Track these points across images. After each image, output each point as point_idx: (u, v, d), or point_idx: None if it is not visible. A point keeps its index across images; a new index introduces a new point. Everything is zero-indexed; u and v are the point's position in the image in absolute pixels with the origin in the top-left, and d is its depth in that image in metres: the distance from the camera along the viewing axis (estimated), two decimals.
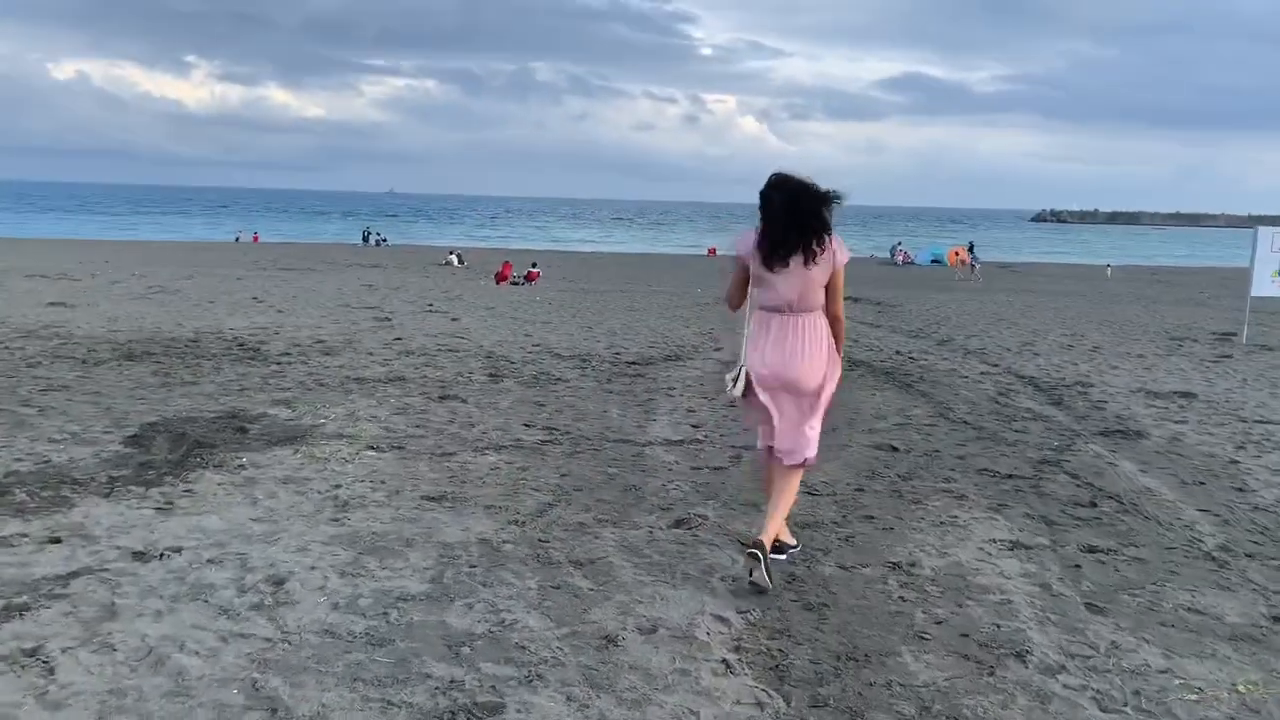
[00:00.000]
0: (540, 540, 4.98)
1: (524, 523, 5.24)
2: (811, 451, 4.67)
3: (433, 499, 5.59)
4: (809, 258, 4.44)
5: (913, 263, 54.14)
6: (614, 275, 33.49)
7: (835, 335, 4.63)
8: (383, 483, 5.87)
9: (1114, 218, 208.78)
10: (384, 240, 59.79)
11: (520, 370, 10.07)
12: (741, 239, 4.60)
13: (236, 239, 58.99)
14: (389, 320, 14.31)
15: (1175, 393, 9.95)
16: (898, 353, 12.75)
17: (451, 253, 42.18)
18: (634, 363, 11.01)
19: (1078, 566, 4.92)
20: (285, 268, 31.09)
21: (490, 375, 9.68)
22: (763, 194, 4.50)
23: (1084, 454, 7.24)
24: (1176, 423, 8.44)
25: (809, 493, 5.92)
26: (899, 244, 62.44)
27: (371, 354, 10.80)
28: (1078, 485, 6.40)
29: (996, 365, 11.76)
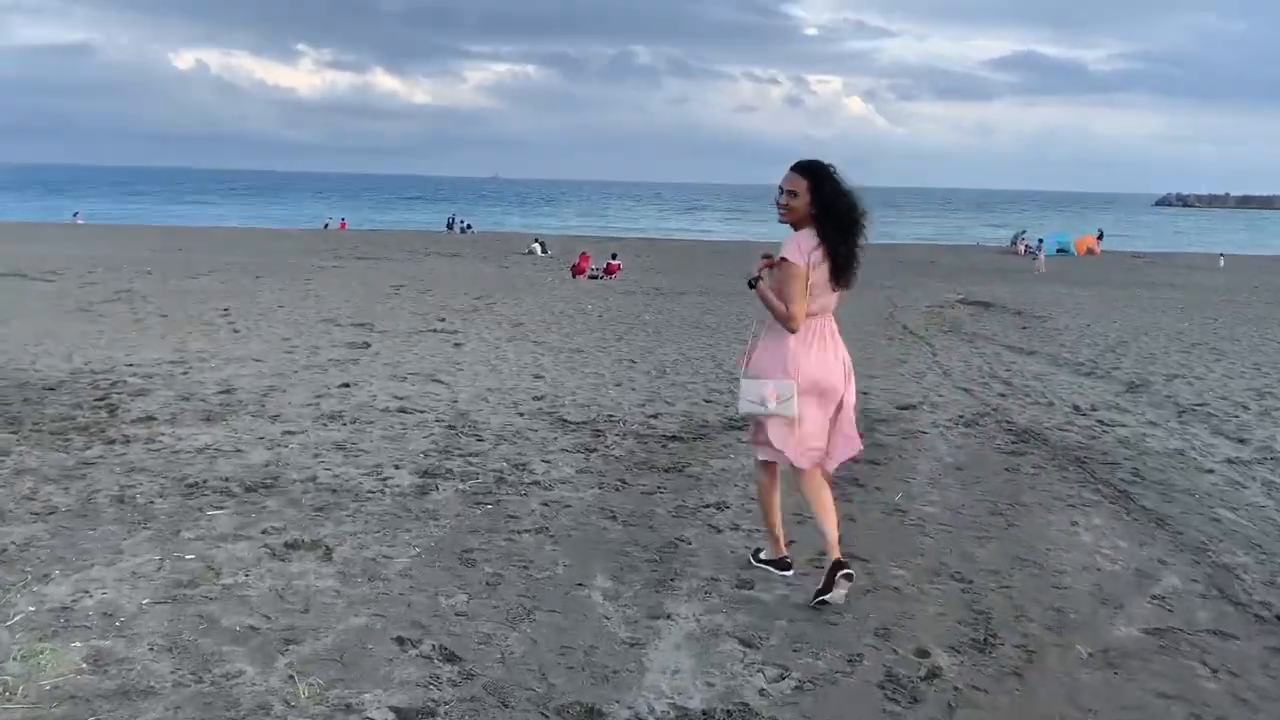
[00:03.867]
0: None
1: None
2: (858, 445, 4.45)
3: None
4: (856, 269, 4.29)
5: (1035, 254, 48.99)
6: (700, 269, 29.51)
7: None
8: None
9: (1245, 202, 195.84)
10: (469, 227, 57.88)
11: (480, 463, 6.25)
12: (797, 244, 4.17)
13: (325, 225, 57.92)
14: (365, 349, 10.69)
15: None
16: (1076, 409, 8.61)
17: (536, 240, 40.45)
18: (674, 437, 7.12)
19: None
20: (358, 256, 30.94)
21: (423, 476, 5.88)
22: (834, 199, 4.16)
23: None
24: None
25: None
26: (1023, 233, 57.13)
27: (276, 420, 7.15)
28: None
29: (1243, 440, 7.56)
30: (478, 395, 8.31)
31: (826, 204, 4.15)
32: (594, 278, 27.59)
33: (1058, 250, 49.43)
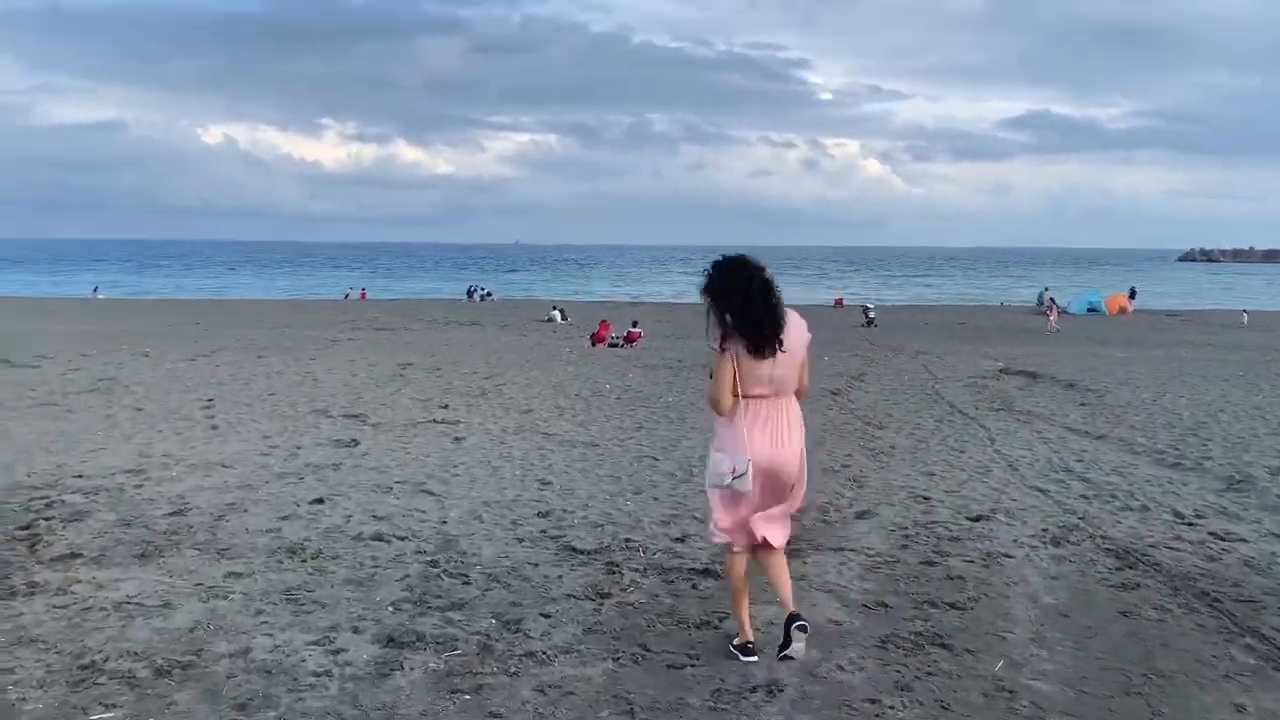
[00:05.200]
0: None
1: None
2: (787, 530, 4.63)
3: None
4: (783, 342, 4.39)
5: (1066, 312, 47.51)
6: None
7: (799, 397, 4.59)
8: None
9: (1271, 255, 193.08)
10: (489, 295, 58.29)
11: (464, 621, 4.95)
12: (717, 332, 4.41)
13: (346, 295, 57.92)
14: (352, 447, 9.49)
15: None
16: (1178, 516, 7.27)
17: (555, 308, 40.12)
18: (706, 570, 5.80)
19: None
20: (375, 328, 30.57)
21: (387, 645, 4.56)
22: (723, 282, 4.40)
23: None
24: None
25: None
26: (1046, 290, 55.82)
27: (223, 556, 5.92)
28: None
29: None
30: (472, 511, 7.05)
31: (717, 291, 4.38)
32: (614, 346, 26.64)
33: (1089, 309, 48.04)
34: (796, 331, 4.45)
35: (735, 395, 4.39)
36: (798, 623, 4.44)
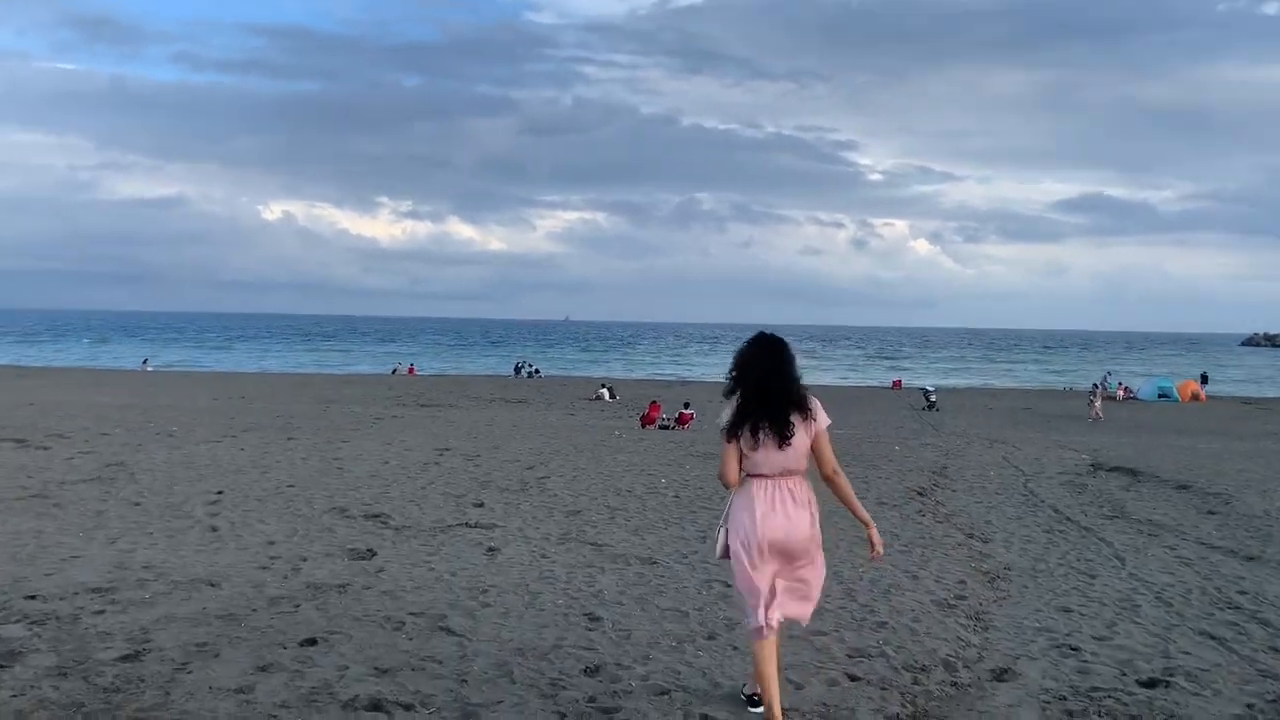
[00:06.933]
0: None
1: None
2: (807, 614, 4.77)
3: None
4: (787, 430, 4.58)
5: (1135, 397, 45.32)
6: None
7: (840, 492, 4.75)
8: None
9: None
10: (536, 371, 58.32)
11: None
12: (726, 410, 4.70)
13: (394, 371, 58.37)
14: (368, 559, 8.05)
15: None
16: None
17: (603, 385, 39.43)
18: None
19: None
20: (420, 404, 30.74)
21: None
22: (738, 367, 4.75)
23: None
24: None
25: None
26: (1109, 374, 53.63)
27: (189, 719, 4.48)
28: None
29: None
30: (500, 663, 5.53)
31: (738, 379, 4.72)
32: (664, 428, 25.40)
33: (1159, 395, 45.86)
34: (807, 425, 4.63)
35: (741, 471, 4.68)
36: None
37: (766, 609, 4.57)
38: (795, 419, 4.59)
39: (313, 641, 5.78)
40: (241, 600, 6.68)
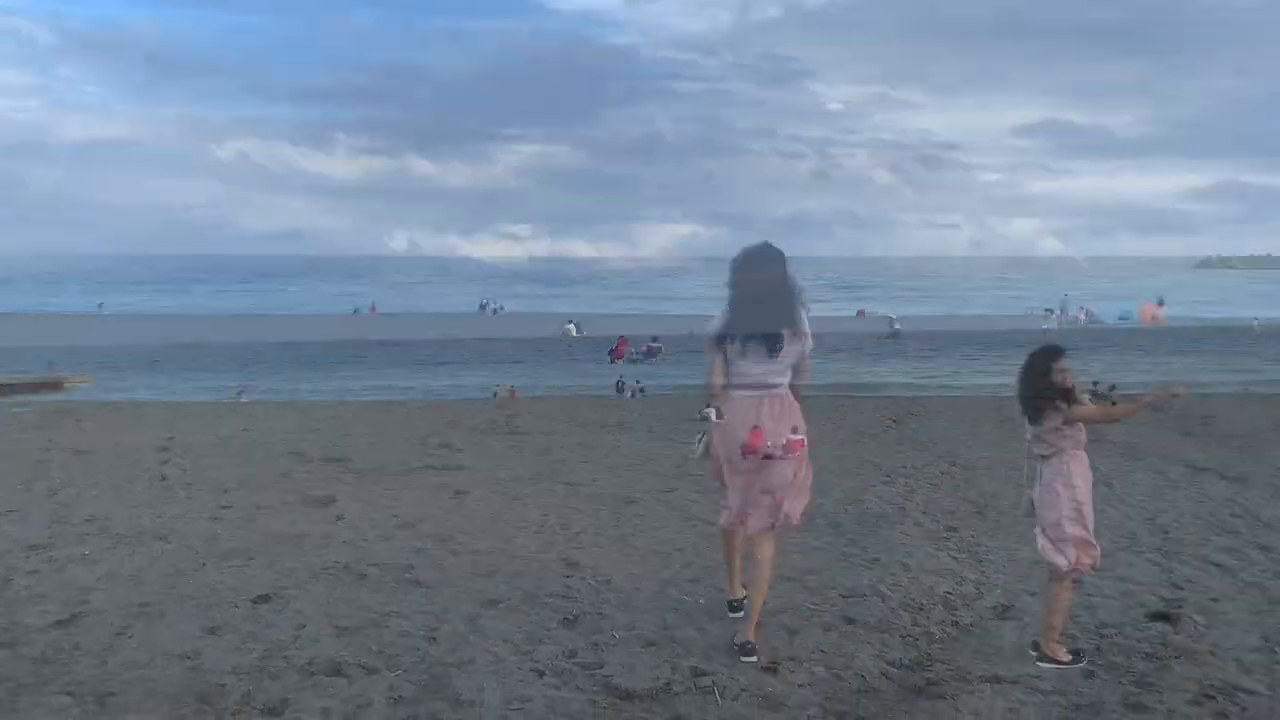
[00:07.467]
0: None
1: None
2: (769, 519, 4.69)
3: None
4: (777, 343, 4.59)
5: (1096, 321, 45.58)
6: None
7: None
8: None
9: None
10: (500, 308, 57.56)
11: None
12: (720, 321, 4.70)
13: (355, 311, 55.40)
14: (326, 505, 7.59)
15: None
16: None
17: (569, 322, 39.93)
18: None
19: None
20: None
21: None
22: (735, 272, 4.71)
23: None
24: None
25: None
26: (1066, 296, 52.56)
27: (103, 710, 4.03)
28: None
29: None
30: (470, 620, 5.10)
31: (733, 287, 4.72)
32: (634, 361, 25.74)
33: (1119, 318, 46.24)
34: (799, 339, 4.66)
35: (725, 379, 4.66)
36: (746, 657, 4.54)
37: (739, 518, 4.72)
38: (785, 333, 4.60)
39: (266, 598, 5.34)
40: (189, 555, 6.21)
